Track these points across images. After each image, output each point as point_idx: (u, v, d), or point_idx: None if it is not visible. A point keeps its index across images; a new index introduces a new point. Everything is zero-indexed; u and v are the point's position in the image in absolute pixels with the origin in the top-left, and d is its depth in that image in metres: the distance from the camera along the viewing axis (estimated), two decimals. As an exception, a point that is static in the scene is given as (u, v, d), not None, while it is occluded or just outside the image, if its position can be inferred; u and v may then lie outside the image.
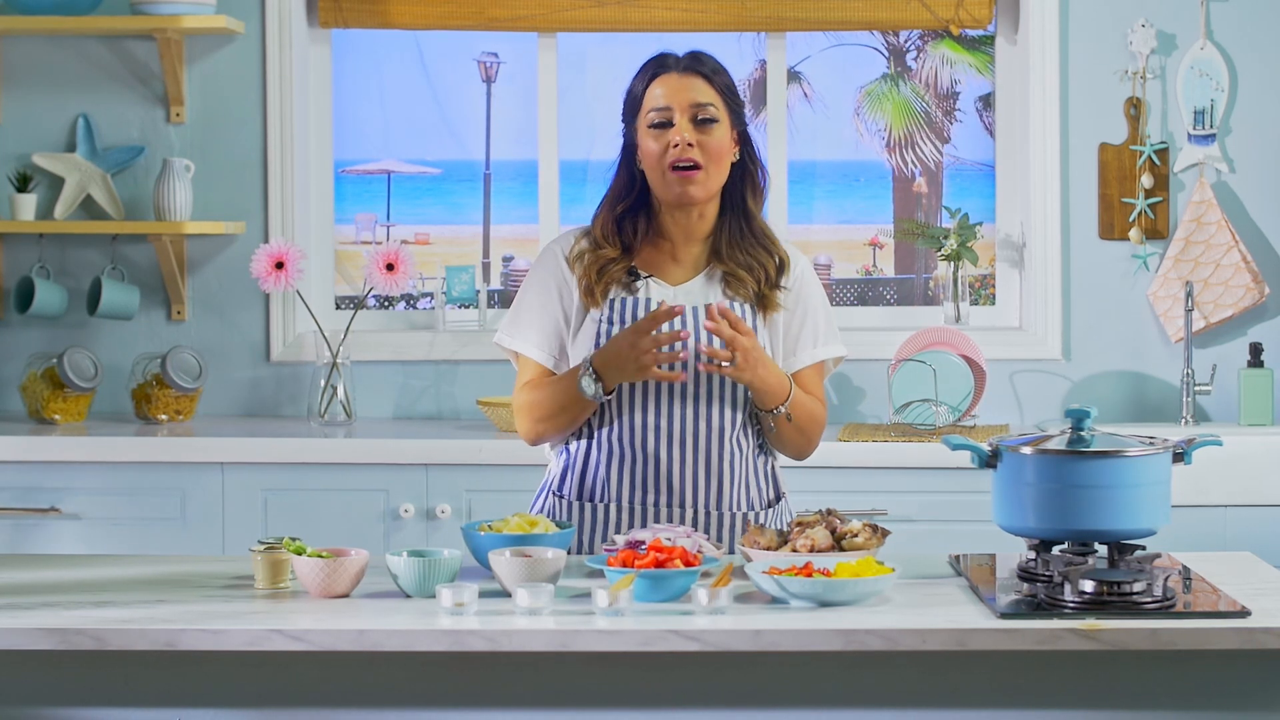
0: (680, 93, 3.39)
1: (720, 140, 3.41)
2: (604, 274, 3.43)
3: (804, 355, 3.48)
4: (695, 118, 3.39)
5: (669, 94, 3.40)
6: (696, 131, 3.39)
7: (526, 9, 5.29)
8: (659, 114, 3.40)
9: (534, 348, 3.48)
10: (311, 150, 5.41)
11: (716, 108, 3.41)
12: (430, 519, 4.77)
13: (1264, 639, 2.82)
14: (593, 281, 3.43)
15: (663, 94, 3.40)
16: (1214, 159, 5.18)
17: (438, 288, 5.40)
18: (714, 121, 3.40)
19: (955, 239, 5.26)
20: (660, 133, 3.40)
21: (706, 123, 3.39)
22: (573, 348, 3.46)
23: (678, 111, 3.39)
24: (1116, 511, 3.01)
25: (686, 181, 3.39)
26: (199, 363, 5.22)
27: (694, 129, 3.39)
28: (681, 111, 3.39)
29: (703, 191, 3.41)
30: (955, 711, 2.88)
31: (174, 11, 5.12)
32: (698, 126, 3.39)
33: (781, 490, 3.54)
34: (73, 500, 4.82)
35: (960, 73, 5.46)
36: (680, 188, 3.39)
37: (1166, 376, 5.22)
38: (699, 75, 3.41)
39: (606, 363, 3.33)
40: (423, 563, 3.02)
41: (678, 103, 3.39)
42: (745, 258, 3.44)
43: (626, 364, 3.30)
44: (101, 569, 3.33)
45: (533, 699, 2.89)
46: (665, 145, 3.39)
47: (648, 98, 3.42)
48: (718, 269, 3.46)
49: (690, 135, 3.38)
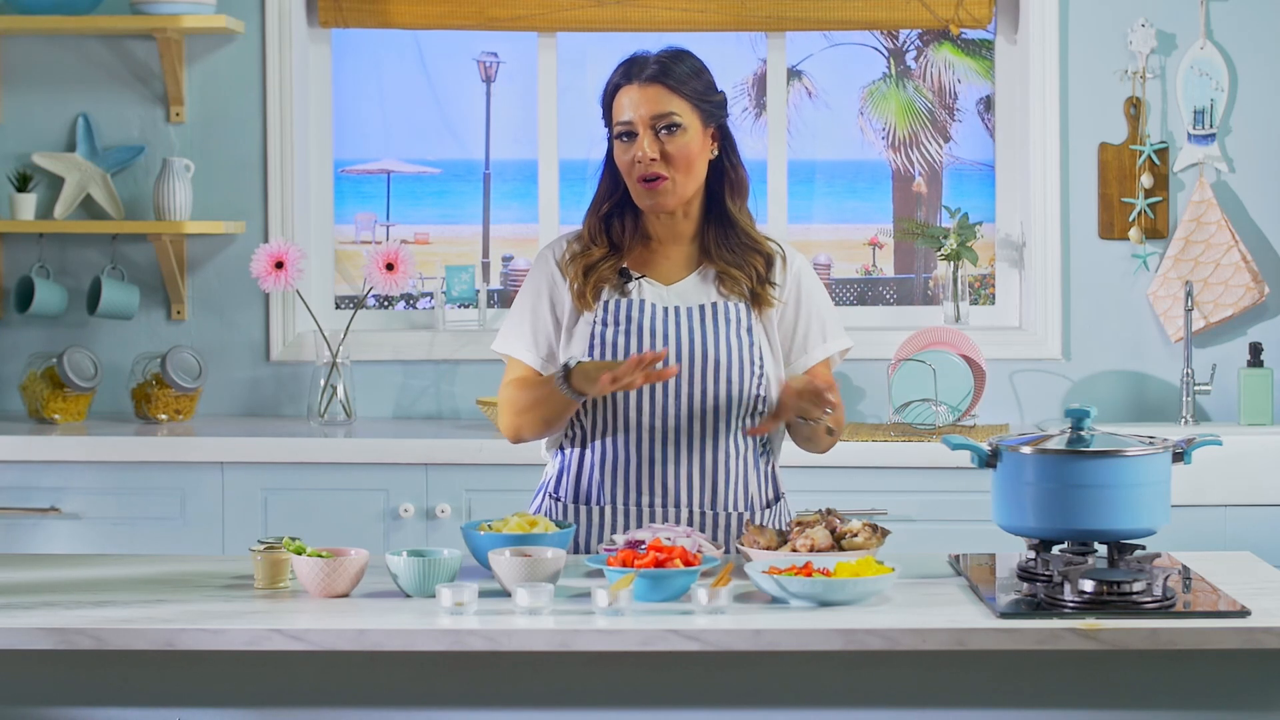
0: (640, 105, 3.38)
1: (687, 146, 3.39)
2: (592, 274, 3.44)
3: (815, 352, 3.49)
4: (656, 128, 3.38)
5: (631, 106, 3.39)
6: (660, 141, 3.38)
7: (526, 9, 5.30)
8: (622, 126, 3.40)
9: (523, 349, 3.49)
10: (311, 150, 5.41)
11: (681, 114, 3.38)
12: (430, 519, 4.77)
13: (1264, 639, 2.82)
14: (583, 285, 3.44)
15: (626, 105, 3.40)
16: (1214, 159, 5.18)
17: (437, 287, 5.40)
18: (678, 127, 3.38)
19: (955, 239, 5.26)
20: (626, 145, 3.40)
21: (671, 129, 3.38)
22: (567, 351, 3.46)
23: (639, 125, 3.38)
24: (1116, 511, 3.01)
25: (654, 193, 3.39)
26: (199, 362, 5.22)
27: (657, 140, 3.38)
28: (643, 125, 3.38)
29: (672, 199, 3.40)
30: (955, 711, 2.88)
31: (174, 11, 5.12)
32: (661, 135, 3.38)
33: (780, 490, 3.54)
34: (72, 500, 4.82)
35: (961, 74, 5.46)
36: (649, 199, 3.40)
37: (1166, 376, 5.22)
38: (662, 85, 3.39)
39: (584, 367, 3.32)
40: (423, 562, 3.02)
41: (639, 116, 3.38)
42: (734, 256, 3.44)
43: (592, 380, 3.28)
44: (101, 569, 3.33)
45: (533, 699, 2.89)
46: (632, 158, 3.39)
47: (614, 108, 3.43)
48: (710, 268, 3.46)
49: (652, 148, 3.37)
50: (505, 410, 3.49)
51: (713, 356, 3.40)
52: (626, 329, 3.41)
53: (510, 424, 3.48)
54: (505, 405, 3.49)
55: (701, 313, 3.42)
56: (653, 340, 3.40)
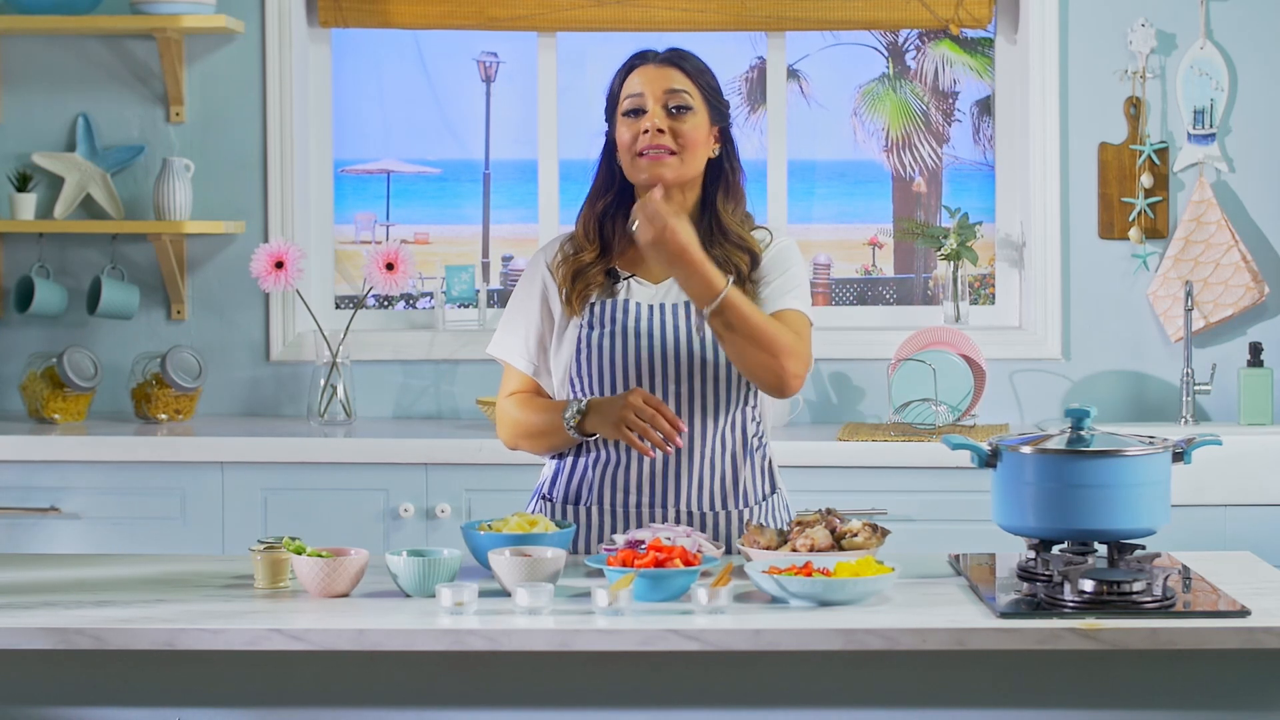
0: (654, 81, 3.41)
1: (694, 129, 3.40)
2: (580, 279, 3.44)
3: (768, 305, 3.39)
4: (668, 105, 3.40)
5: (644, 82, 3.41)
6: (669, 118, 3.39)
7: (526, 9, 5.30)
8: (632, 101, 3.41)
9: (516, 356, 3.51)
10: (311, 150, 5.41)
11: (691, 96, 3.41)
12: (430, 519, 4.77)
13: (1264, 639, 2.82)
14: (570, 290, 3.44)
15: (638, 83, 3.42)
16: (1214, 158, 5.18)
17: (437, 287, 5.40)
18: (688, 109, 3.40)
19: (955, 238, 5.26)
20: (633, 120, 3.40)
21: (681, 109, 3.39)
22: (556, 355, 3.48)
23: (650, 99, 3.40)
24: (1116, 511, 3.01)
25: (655, 164, 3.38)
26: (199, 362, 5.22)
27: (667, 116, 3.39)
28: (655, 99, 3.40)
29: (671, 174, 3.39)
30: (955, 711, 2.88)
31: (174, 11, 5.12)
32: (671, 114, 3.39)
33: (777, 483, 3.53)
34: (72, 500, 4.82)
35: (959, 73, 5.46)
36: (649, 170, 3.39)
37: (1166, 376, 5.22)
38: (676, 67, 3.42)
39: (598, 406, 3.35)
40: (422, 562, 3.02)
41: (651, 90, 3.40)
42: (718, 252, 3.41)
43: (610, 414, 3.31)
44: (101, 569, 3.33)
45: (533, 699, 2.89)
46: (637, 133, 3.39)
47: (625, 87, 3.44)
48: None
49: (662, 121, 3.38)
50: (507, 428, 3.51)
51: (699, 353, 3.39)
52: (612, 330, 3.41)
53: (510, 441, 3.52)
54: (508, 424, 3.50)
55: (687, 309, 3.41)
56: (638, 341, 3.40)
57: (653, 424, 3.29)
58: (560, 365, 3.47)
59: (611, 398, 3.36)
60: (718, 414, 3.42)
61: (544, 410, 3.45)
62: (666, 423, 3.30)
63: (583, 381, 3.43)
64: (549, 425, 3.42)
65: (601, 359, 3.41)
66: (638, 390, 3.33)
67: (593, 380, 3.42)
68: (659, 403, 3.31)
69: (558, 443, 3.45)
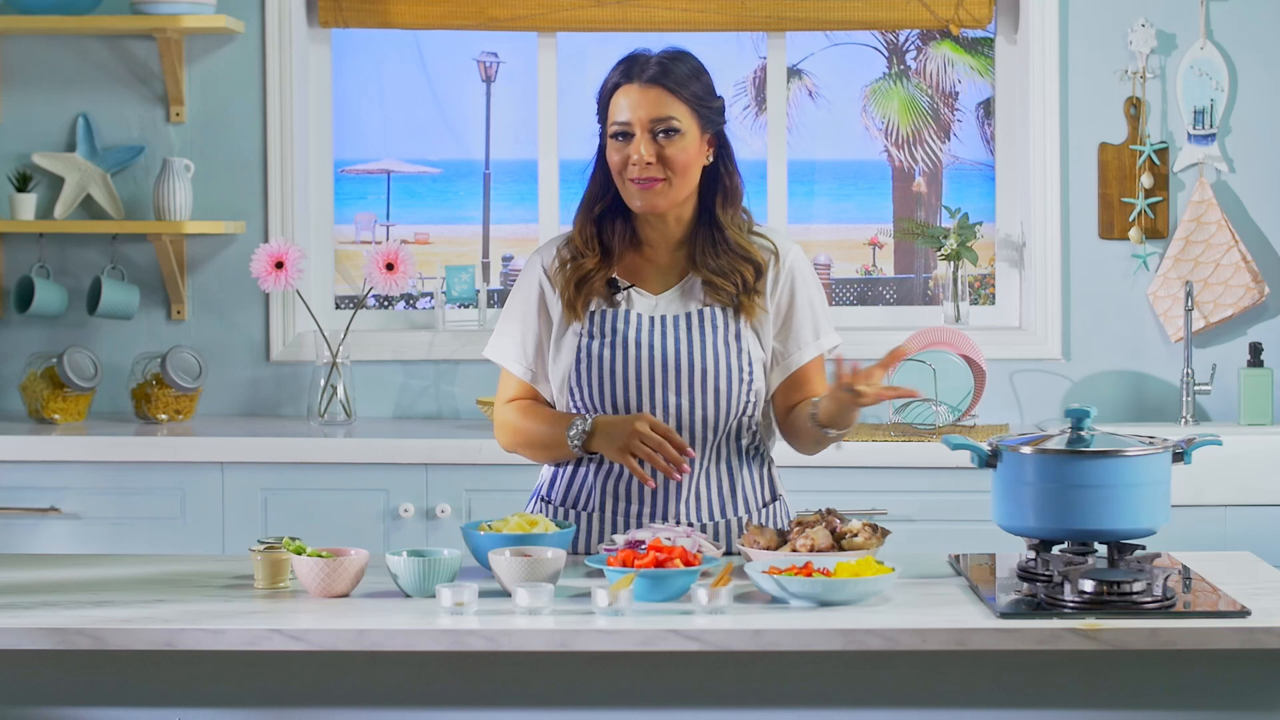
0: (640, 108, 3.34)
1: (684, 150, 3.35)
2: (584, 286, 3.42)
3: (807, 350, 3.45)
4: (654, 131, 3.35)
5: (630, 108, 3.35)
6: (658, 144, 3.34)
7: (526, 9, 5.30)
8: (619, 127, 3.36)
9: (513, 361, 3.49)
10: (311, 150, 5.41)
11: (680, 119, 3.35)
12: (430, 519, 4.77)
13: (1264, 639, 2.82)
14: (573, 295, 3.42)
15: (624, 106, 3.36)
16: (1214, 159, 5.18)
17: (437, 287, 5.40)
18: (676, 132, 3.35)
19: (955, 239, 5.26)
20: (622, 144, 3.36)
21: (669, 133, 3.35)
22: (554, 360, 3.45)
23: (637, 125, 3.34)
24: (1116, 511, 3.01)
25: (648, 194, 3.36)
26: (199, 362, 5.22)
27: (654, 143, 3.34)
28: (641, 127, 3.34)
29: (665, 201, 3.37)
30: (955, 711, 2.88)
31: (174, 11, 5.12)
32: (659, 139, 3.35)
33: (778, 491, 3.53)
34: (72, 500, 4.82)
35: (960, 73, 5.46)
36: (642, 200, 3.37)
37: (1166, 376, 5.22)
38: (662, 88, 3.35)
39: (604, 426, 3.34)
40: (422, 562, 3.02)
41: (637, 119, 3.34)
42: (719, 263, 3.39)
43: (617, 439, 3.31)
44: (101, 569, 3.33)
45: (533, 699, 2.89)
46: (625, 158, 3.36)
47: (612, 107, 3.38)
48: (696, 277, 3.43)
49: (649, 151, 3.33)
50: (507, 434, 3.50)
51: (699, 365, 3.38)
52: (612, 341, 3.40)
53: (509, 447, 3.52)
54: (508, 430, 3.49)
55: (688, 320, 3.40)
56: (638, 352, 3.38)
57: (660, 451, 3.29)
58: (559, 373, 3.44)
59: (618, 420, 3.34)
60: (716, 425, 3.41)
61: (547, 422, 3.43)
62: (674, 449, 3.29)
63: (582, 391, 3.41)
64: (552, 438, 3.41)
65: (601, 369, 3.39)
66: (645, 416, 3.31)
67: (592, 390, 3.40)
68: (666, 429, 3.30)
69: (559, 455, 3.44)
